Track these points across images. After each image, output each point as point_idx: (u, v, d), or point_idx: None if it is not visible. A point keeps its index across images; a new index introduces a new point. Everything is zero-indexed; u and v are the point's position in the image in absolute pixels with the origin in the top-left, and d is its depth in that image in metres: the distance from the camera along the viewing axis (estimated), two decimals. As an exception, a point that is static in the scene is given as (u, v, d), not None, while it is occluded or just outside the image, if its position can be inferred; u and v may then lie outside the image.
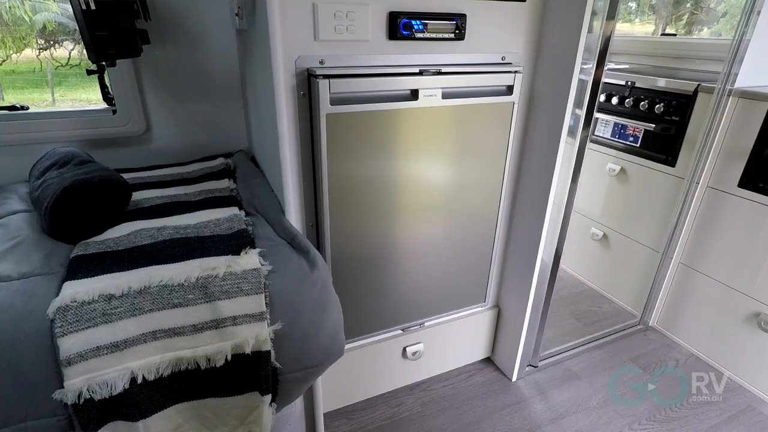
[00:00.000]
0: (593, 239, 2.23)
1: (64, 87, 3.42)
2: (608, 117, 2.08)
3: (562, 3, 1.20)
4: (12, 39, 2.47)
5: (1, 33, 2.39)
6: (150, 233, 1.04)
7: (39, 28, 2.50)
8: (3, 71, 2.83)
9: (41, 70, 3.30)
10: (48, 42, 2.84)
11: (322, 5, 0.99)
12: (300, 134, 1.09)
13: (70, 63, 3.08)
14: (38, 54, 3.04)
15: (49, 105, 3.38)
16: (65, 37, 2.73)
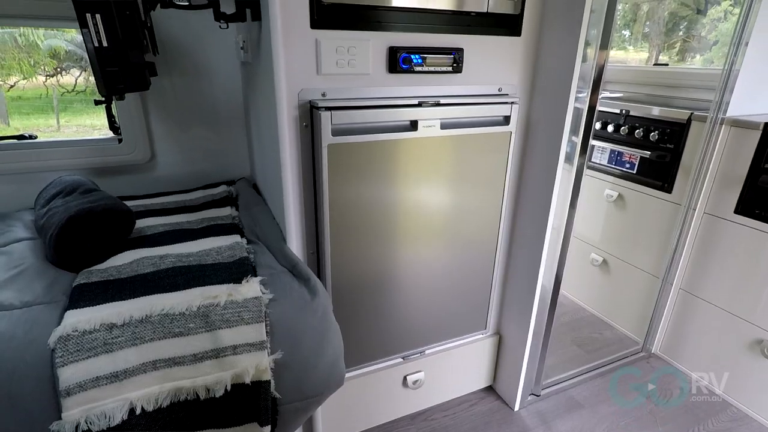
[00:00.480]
0: (593, 265, 2.24)
1: (70, 113, 3.48)
2: (604, 144, 2.11)
3: (556, 36, 1.24)
4: (24, 65, 2.54)
5: (17, 57, 2.46)
6: (152, 261, 1.05)
7: (49, 55, 2.57)
8: (10, 97, 2.89)
9: (47, 96, 3.36)
10: (56, 69, 2.91)
11: (324, 41, 1.03)
12: (302, 164, 1.12)
13: (76, 89, 3.15)
14: (45, 80, 3.11)
15: (54, 130, 3.43)
16: (72, 64, 2.80)
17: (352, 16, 1.04)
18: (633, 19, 2.94)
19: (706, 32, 2.55)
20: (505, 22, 1.22)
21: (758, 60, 1.64)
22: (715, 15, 2.48)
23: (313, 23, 1.01)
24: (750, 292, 1.62)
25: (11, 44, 2.32)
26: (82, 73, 2.85)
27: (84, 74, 2.82)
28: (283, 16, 0.98)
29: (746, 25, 1.58)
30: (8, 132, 2.97)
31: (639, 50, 3.05)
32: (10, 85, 2.82)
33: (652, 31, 2.84)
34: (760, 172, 1.55)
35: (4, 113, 2.78)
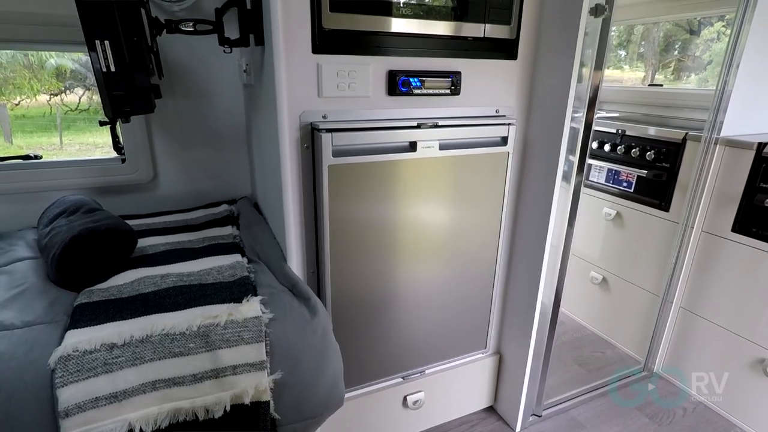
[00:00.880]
0: (593, 283, 2.24)
1: (73, 131, 3.51)
2: (602, 163, 2.14)
3: (551, 59, 1.27)
4: (34, 84, 2.58)
5: (27, 77, 2.50)
6: (153, 281, 1.05)
7: (54, 74, 2.62)
8: (14, 115, 2.93)
9: (51, 115, 3.40)
10: (59, 88, 2.95)
11: (325, 65, 1.06)
12: (303, 184, 1.14)
13: (79, 108, 3.18)
14: (49, 99, 3.15)
15: (57, 148, 3.46)
16: (77, 83, 2.85)
17: (352, 41, 1.07)
18: (628, 40, 2.99)
19: (700, 52, 2.59)
20: (502, 46, 1.25)
21: (750, 81, 1.67)
22: (708, 36, 2.53)
23: (315, 48, 1.04)
24: (750, 310, 1.62)
25: (22, 63, 2.37)
26: (86, 92, 2.89)
27: (87, 93, 2.86)
28: (286, 42, 1.01)
29: (737, 47, 1.62)
30: (11, 150, 3.00)
31: (635, 69, 3.10)
32: (15, 104, 2.87)
33: (647, 50, 2.89)
34: (755, 191, 1.57)
35: (7, 132, 2.81)
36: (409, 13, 1.10)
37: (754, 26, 1.59)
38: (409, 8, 1.10)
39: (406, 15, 1.10)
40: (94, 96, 2.68)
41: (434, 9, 1.13)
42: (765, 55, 1.68)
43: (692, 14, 2.32)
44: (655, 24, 2.70)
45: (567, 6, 1.19)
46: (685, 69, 2.68)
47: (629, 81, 3.03)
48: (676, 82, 2.71)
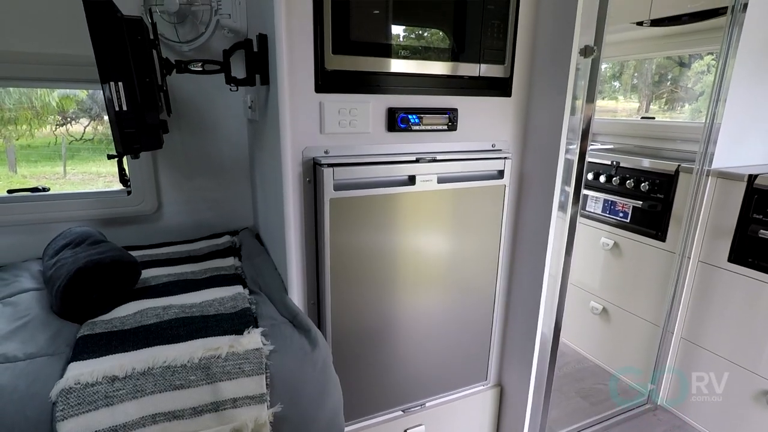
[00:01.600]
0: (593, 313, 2.23)
1: (77, 160, 3.56)
2: (598, 194, 2.18)
3: (544, 95, 1.33)
4: (33, 124, 2.66)
5: (28, 117, 2.58)
6: (156, 312, 1.07)
7: (60, 105, 2.70)
8: (19, 145, 2.99)
9: (56, 145, 3.47)
10: (65, 118, 3.04)
11: (328, 103, 1.11)
12: (304, 217, 1.16)
13: (84, 137, 3.26)
14: (55, 129, 3.24)
15: (60, 177, 3.51)
16: (82, 114, 2.93)
17: (353, 80, 1.13)
18: (621, 72, 3.08)
19: (691, 84, 2.67)
20: (497, 84, 1.31)
21: (738, 114, 1.73)
22: (698, 69, 2.61)
23: (318, 87, 1.09)
24: (752, 341, 1.62)
25: (26, 104, 2.45)
26: (91, 123, 2.98)
27: (93, 123, 2.94)
28: (290, 82, 1.06)
29: (723, 82, 1.68)
30: (15, 179, 3.05)
31: (629, 100, 3.18)
32: (20, 135, 2.94)
33: (640, 82, 2.97)
34: (749, 222, 1.60)
35: (12, 162, 2.88)
36: (407, 54, 1.16)
37: (738, 62, 1.65)
38: (407, 50, 1.16)
39: (404, 56, 1.16)
40: (98, 126, 2.75)
41: (431, 50, 1.19)
42: (751, 90, 1.74)
43: (679, 51, 2.42)
44: (645, 59, 2.79)
45: (558, 47, 1.25)
46: (679, 100, 2.75)
47: (624, 111, 3.10)
48: (670, 113, 2.78)
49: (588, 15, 1.24)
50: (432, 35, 1.20)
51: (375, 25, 1.11)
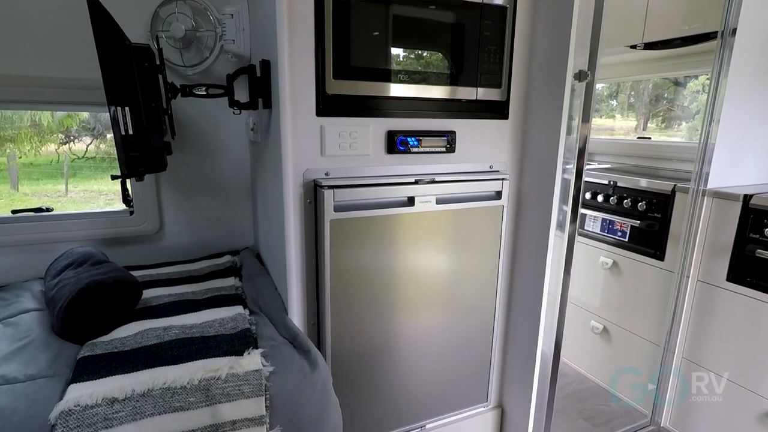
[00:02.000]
0: (594, 332, 2.22)
1: (78, 178, 3.58)
2: (596, 213, 2.19)
3: (540, 118, 1.36)
4: (34, 142, 2.71)
5: (29, 134, 2.63)
6: (156, 333, 1.07)
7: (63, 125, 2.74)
8: (22, 163, 3.02)
9: (58, 163, 3.49)
10: (68, 137, 3.08)
11: (328, 126, 1.13)
12: (305, 238, 1.18)
13: (86, 156, 3.28)
14: (58, 148, 3.26)
15: (62, 195, 3.53)
16: (85, 132, 2.97)
17: (353, 104, 1.16)
18: (617, 91, 3.13)
19: (687, 103, 2.70)
20: (494, 107, 1.34)
21: (732, 133, 1.76)
22: (693, 88, 2.66)
23: (319, 111, 1.12)
24: (754, 362, 1.61)
25: (28, 122, 2.50)
26: (94, 141, 3.01)
27: (95, 142, 2.98)
28: (292, 106, 1.09)
29: (716, 103, 1.72)
30: (16, 197, 3.07)
31: (626, 119, 3.22)
32: (23, 154, 2.97)
33: (637, 101, 3.02)
34: (746, 241, 1.61)
35: (14, 180, 2.91)
36: (406, 79, 1.19)
37: (730, 83, 1.69)
38: (406, 75, 1.19)
39: (403, 80, 1.19)
40: (101, 144, 2.78)
41: (430, 75, 1.22)
42: (744, 110, 1.77)
43: (673, 73, 2.47)
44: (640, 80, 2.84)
45: (553, 72, 1.29)
46: (675, 118, 2.78)
47: (622, 129, 3.13)
48: (667, 131, 2.81)
49: (582, 40, 1.28)
50: (430, 61, 1.23)
51: (375, 51, 1.15)
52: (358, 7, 1.10)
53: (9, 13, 1.35)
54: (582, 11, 1.23)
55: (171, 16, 1.46)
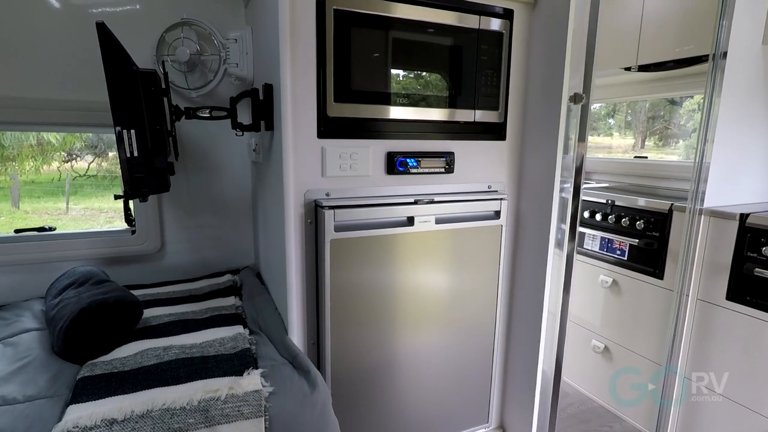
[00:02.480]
0: (595, 352, 2.21)
1: (79, 196, 3.61)
2: (595, 232, 2.20)
3: (537, 139, 1.38)
4: (37, 161, 2.74)
5: (32, 154, 2.66)
6: (156, 353, 1.07)
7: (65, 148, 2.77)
8: (23, 181, 3.05)
9: (60, 180, 3.52)
10: (70, 155, 3.12)
11: (329, 148, 1.16)
12: (305, 257, 1.19)
13: (87, 173, 3.31)
14: (60, 166, 3.30)
15: (63, 213, 3.56)
16: (87, 151, 3.01)
17: (354, 126, 1.18)
18: (614, 110, 3.17)
19: (684, 121, 2.74)
20: (491, 129, 1.36)
21: (727, 153, 1.78)
22: (689, 107, 2.69)
23: (320, 133, 1.14)
24: (756, 382, 1.60)
25: (32, 142, 2.54)
26: (96, 159, 3.05)
27: (97, 160, 3.02)
28: (294, 128, 1.11)
29: (709, 123, 1.74)
30: (17, 215, 3.09)
31: (624, 137, 3.25)
32: (25, 172, 3.00)
33: (634, 120, 3.05)
34: (744, 260, 1.62)
35: (15, 198, 2.94)
36: (405, 102, 1.22)
37: (723, 104, 1.72)
38: (405, 98, 1.22)
39: (403, 104, 1.22)
40: (103, 162, 2.81)
41: (429, 98, 1.25)
42: (737, 130, 1.80)
43: (668, 94, 2.52)
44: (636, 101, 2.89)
45: (548, 95, 1.32)
46: (672, 136, 2.81)
47: (620, 148, 3.16)
48: (664, 149, 2.84)
49: (576, 63, 1.31)
50: (429, 82, 1.27)
51: (375, 75, 1.18)
52: (359, 32, 1.13)
53: (18, 37, 1.38)
54: (576, 36, 1.27)
55: (177, 41, 1.50)
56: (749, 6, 1.65)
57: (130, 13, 1.51)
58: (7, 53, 1.39)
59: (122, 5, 1.51)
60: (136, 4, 1.52)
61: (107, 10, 1.48)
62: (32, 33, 1.40)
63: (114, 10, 1.49)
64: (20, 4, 1.38)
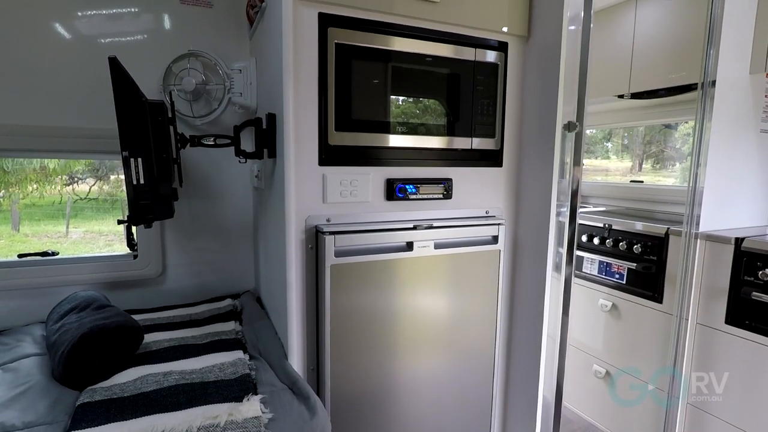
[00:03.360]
0: (597, 377, 2.19)
1: (80, 218, 3.61)
2: (593, 255, 2.22)
3: (533, 165, 1.41)
4: (41, 185, 2.77)
5: (34, 178, 2.69)
6: (156, 378, 1.07)
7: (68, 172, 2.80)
8: (24, 204, 3.06)
9: (61, 203, 3.53)
10: (72, 178, 3.14)
11: (330, 175, 1.19)
12: (306, 282, 1.20)
13: (88, 197, 3.33)
14: (61, 188, 3.31)
15: (62, 236, 3.56)
16: (89, 174, 3.03)
17: (354, 154, 1.22)
18: (611, 134, 3.23)
19: (680, 144, 2.79)
20: (488, 156, 1.40)
21: (720, 177, 1.81)
22: (684, 131, 2.74)
23: (321, 161, 1.18)
24: (760, 408, 1.58)
25: (35, 168, 2.58)
26: (97, 182, 3.07)
27: (98, 183, 3.04)
28: (296, 156, 1.14)
29: (701, 148, 1.78)
30: (17, 238, 3.10)
31: (622, 160, 3.30)
32: (26, 194, 3.02)
33: (631, 143, 3.11)
34: (741, 284, 1.63)
35: (15, 221, 2.95)
36: (404, 131, 1.26)
37: (714, 131, 1.76)
38: (404, 126, 1.26)
39: (402, 132, 1.26)
40: (104, 186, 2.83)
41: (427, 126, 1.29)
42: (729, 155, 1.83)
43: (661, 120, 2.57)
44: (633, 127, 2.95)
45: (543, 123, 1.36)
46: (669, 159, 2.85)
47: (618, 171, 3.20)
48: (661, 171, 2.87)
49: (570, 91, 1.35)
50: (428, 109, 1.31)
51: (375, 105, 1.22)
52: (359, 65, 1.18)
53: (26, 65, 1.43)
54: (568, 66, 1.32)
55: (183, 71, 1.56)
56: (735, 36, 1.71)
57: (138, 43, 1.57)
58: (15, 81, 1.43)
59: (131, 35, 1.56)
60: (144, 34, 1.58)
61: (116, 40, 1.54)
62: (41, 62, 1.45)
63: (121, 40, 1.55)
64: (31, 34, 1.43)
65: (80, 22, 1.49)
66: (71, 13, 1.48)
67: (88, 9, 1.50)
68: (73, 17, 1.48)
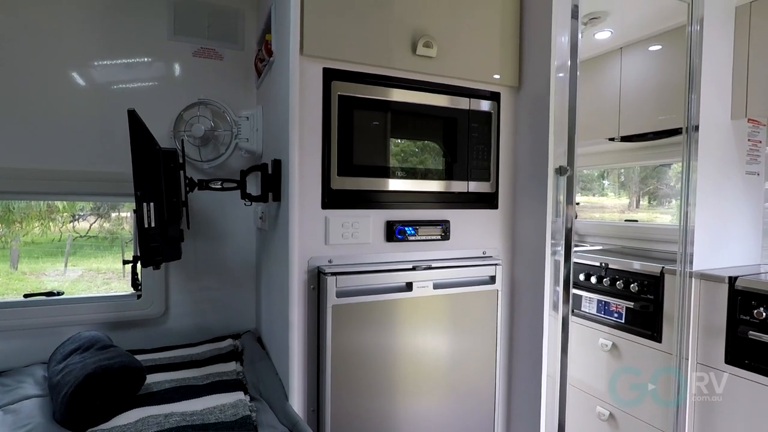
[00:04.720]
0: (600, 419, 2.15)
1: (78, 256, 3.62)
2: (591, 294, 2.23)
3: (527, 207, 1.47)
4: (45, 224, 2.81)
5: (46, 215, 2.74)
6: (157, 420, 1.07)
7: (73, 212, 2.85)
8: (24, 241, 3.09)
9: (60, 241, 3.56)
10: (73, 216, 3.18)
11: (332, 218, 1.24)
12: (308, 323, 1.23)
13: (88, 234, 3.36)
14: (62, 226, 3.35)
15: (60, 274, 3.57)
16: (90, 212, 3.08)
17: (355, 198, 1.27)
18: (607, 172, 3.31)
19: (674, 182, 2.85)
20: (484, 198, 1.46)
21: (709, 217, 1.85)
22: (678, 169, 2.81)
23: (324, 205, 1.23)
24: (763, 450, 1.56)
25: (39, 210, 2.63)
26: (98, 220, 3.12)
27: (99, 221, 3.08)
28: (300, 200, 1.20)
29: (689, 189, 1.84)
30: (15, 276, 3.11)
31: (619, 197, 3.35)
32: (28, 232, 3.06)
33: (627, 180, 3.17)
34: (737, 323, 1.64)
35: (14, 260, 2.98)
36: (403, 175, 1.32)
37: (700, 173, 1.82)
38: (403, 171, 1.32)
39: (401, 176, 1.32)
40: (105, 224, 2.87)
41: (425, 170, 1.36)
42: (716, 195, 1.89)
43: (651, 162, 2.66)
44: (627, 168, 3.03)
45: (536, 167, 1.42)
46: (665, 196, 2.91)
47: (615, 207, 3.24)
48: (658, 208, 2.92)
49: (560, 137, 1.43)
50: (425, 158, 1.38)
51: (375, 152, 1.29)
52: (360, 114, 1.26)
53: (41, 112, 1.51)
54: (558, 113, 1.40)
55: (193, 118, 1.64)
56: (715, 83, 1.81)
57: (152, 91, 1.65)
58: (32, 128, 1.50)
59: (145, 83, 1.66)
60: (157, 82, 1.67)
61: (131, 86, 1.62)
62: (57, 109, 1.52)
63: (135, 86, 1.63)
64: (49, 82, 1.51)
65: (96, 70, 1.58)
66: (88, 62, 1.57)
67: (105, 59, 1.59)
68: (90, 66, 1.57)
